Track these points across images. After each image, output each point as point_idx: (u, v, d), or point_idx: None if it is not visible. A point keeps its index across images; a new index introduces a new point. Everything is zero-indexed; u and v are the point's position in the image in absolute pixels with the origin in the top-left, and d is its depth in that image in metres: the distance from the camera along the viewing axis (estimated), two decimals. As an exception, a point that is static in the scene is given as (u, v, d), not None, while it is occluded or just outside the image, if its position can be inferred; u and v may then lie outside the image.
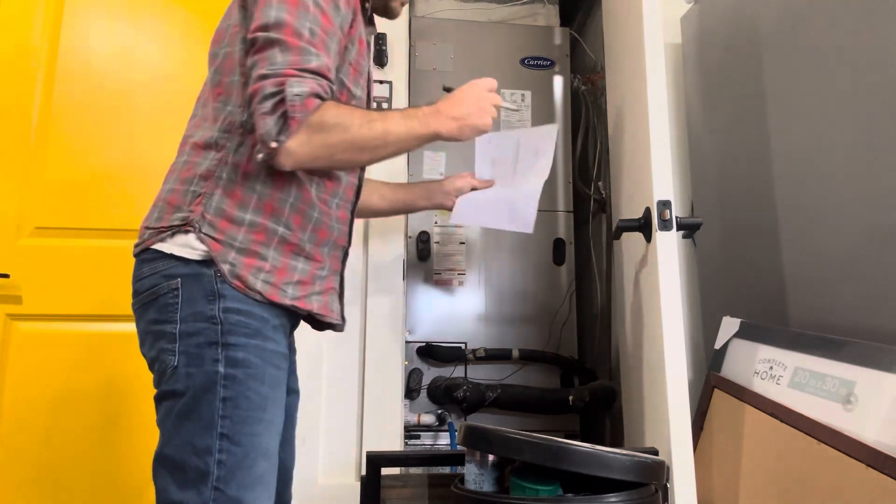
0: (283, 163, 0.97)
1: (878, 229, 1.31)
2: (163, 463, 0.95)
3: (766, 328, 1.56)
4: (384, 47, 2.06)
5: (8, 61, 2.02)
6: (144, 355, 1.03)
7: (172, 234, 1.01)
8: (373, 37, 1.25)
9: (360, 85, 1.13)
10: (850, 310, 1.38)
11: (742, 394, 1.50)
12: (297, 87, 0.93)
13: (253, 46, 0.98)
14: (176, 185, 1.05)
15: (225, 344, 0.96)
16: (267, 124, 0.93)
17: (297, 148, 0.95)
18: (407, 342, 2.16)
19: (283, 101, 0.92)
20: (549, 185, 2.40)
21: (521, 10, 2.61)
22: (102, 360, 1.93)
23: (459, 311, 2.28)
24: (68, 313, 1.94)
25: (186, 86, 1.98)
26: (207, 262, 0.99)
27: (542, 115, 2.42)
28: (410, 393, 2.17)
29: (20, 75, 2.02)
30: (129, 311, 1.06)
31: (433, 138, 1.09)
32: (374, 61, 2.07)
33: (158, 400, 0.98)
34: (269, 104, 0.93)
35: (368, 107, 1.22)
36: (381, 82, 2.06)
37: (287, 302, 1.03)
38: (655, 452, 1.31)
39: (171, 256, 0.99)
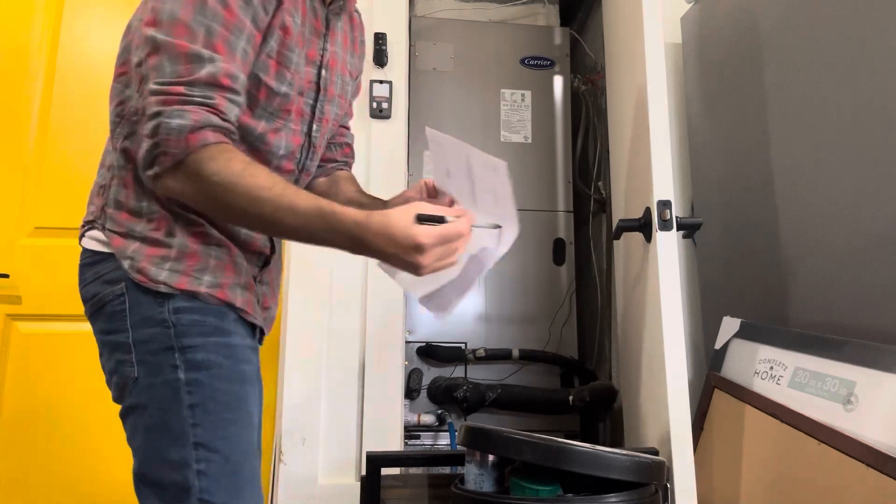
0: (158, 191, 0.88)
1: (878, 229, 1.31)
2: (142, 481, 0.89)
3: (766, 328, 1.56)
4: (384, 47, 2.06)
5: (8, 61, 2.02)
6: (102, 366, 0.95)
7: (87, 230, 0.95)
8: (328, 12, 1.05)
9: (287, 79, 0.96)
10: (850, 310, 1.38)
11: (742, 394, 1.50)
12: (178, 119, 0.80)
13: (142, 45, 0.85)
14: (96, 178, 0.99)
15: (181, 347, 0.88)
16: (143, 149, 0.84)
17: (172, 185, 0.84)
18: (407, 342, 2.16)
19: (160, 127, 0.81)
20: (550, 185, 2.40)
21: (521, 10, 2.61)
22: (102, 360, 1.93)
23: (459, 311, 2.28)
24: (68, 313, 1.94)
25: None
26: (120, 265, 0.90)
27: (542, 115, 2.42)
28: (410, 393, 2.17)
29: (20, 75, 2.02)
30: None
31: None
32: (373, 61, 2.07)
33: (123, 416, 0.91)
34: (150, 126, 0.82)
35: (321, 94, 1.04)
36: (381, 82, 2.06)
37: (202, 290, 0.90)
38: (655, 452, 1.31)
39: (110, 257, 0.91)
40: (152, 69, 0.83)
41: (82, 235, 0.96)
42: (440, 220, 0.82)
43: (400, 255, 0.82)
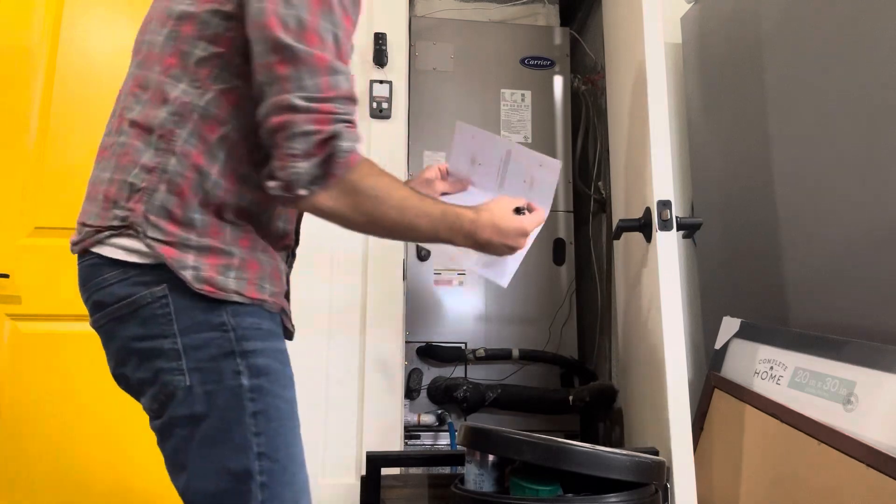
0: (299, 208, 0.87)
1: (879, 230, 1.31)
2: (196, 496, 0.83)
3: (766, 328, 1.56)
4: (384, 47, 2.06)
5: (8, 61, 2.02)
6: (125, 376, 0.89)
7: (111, 236, 0.85)
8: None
9: None
10: (850, 310, 1.38)
11: (742, 394, 1.50)
12: (347, 142, 0.81)
13: (263, 48, 0.81)
14: (114, 175, 0.87)
15: (243, 352, 0.83)
16: (298, 170, 0.80)
17: (324, 202, 0.83)
18: (407, 342, 2.16)
19: (324, 144, 0.80)
20: (549, 185, 2.40)
21: (521, 10, 2.61)
22: (102, 360, 1.93)
23: (459, 311, 2.28)
24: (68, 313, 1.93)
25: (186, 86, 1.98)
26: (159, 267, 0.83)
27: (542, 115, 2.42)
28: (410, 393, 2.17)
29: (20, 75, 2.02)
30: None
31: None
32: (373, 61, 2.07)
33: (168, 427, 0.84)
34: (302, 146, 0.79)
35: None
36: (381, 82, 2.06)
37: (268, 298, 0.89)
38: (655, 452, 1.31)
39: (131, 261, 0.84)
40: (284, 79, 0.80)
41: (100, 241, 0.85)
42: (522, 210, 1.00)
43: (505, 243, 0.97)
